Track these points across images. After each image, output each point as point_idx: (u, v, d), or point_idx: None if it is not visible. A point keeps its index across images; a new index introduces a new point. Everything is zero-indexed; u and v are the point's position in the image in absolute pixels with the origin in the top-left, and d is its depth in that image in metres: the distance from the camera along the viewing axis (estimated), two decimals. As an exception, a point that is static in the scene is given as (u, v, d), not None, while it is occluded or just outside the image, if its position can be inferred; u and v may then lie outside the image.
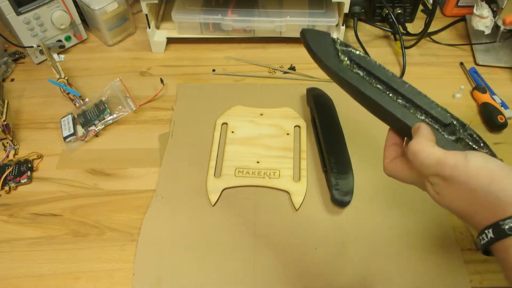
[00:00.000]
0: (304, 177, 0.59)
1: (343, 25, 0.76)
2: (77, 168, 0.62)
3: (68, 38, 0.79)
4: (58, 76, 0.70)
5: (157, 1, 0.73)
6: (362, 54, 0.42)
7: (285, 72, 0.75)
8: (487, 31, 0.73)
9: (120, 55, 0.80)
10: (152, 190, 0.59)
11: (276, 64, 0.76)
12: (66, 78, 0.70)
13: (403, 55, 0.73)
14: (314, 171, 0.60)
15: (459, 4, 0.83)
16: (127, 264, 0.52)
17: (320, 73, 0.74)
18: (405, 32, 0.78)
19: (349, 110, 0.66)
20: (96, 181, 0.60)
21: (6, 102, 0.67)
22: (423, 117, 0.39)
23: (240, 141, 0.63)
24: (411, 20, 0.83)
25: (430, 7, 0.79)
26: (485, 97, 0.67)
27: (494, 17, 0.73)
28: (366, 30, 0.83)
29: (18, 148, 0.64)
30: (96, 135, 0.66)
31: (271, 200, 0.57)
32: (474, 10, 0.73)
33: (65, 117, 0.67)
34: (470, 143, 0.37)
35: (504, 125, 0.63)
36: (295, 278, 0.50)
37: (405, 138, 0.41)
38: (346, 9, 0.72)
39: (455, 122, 0.38)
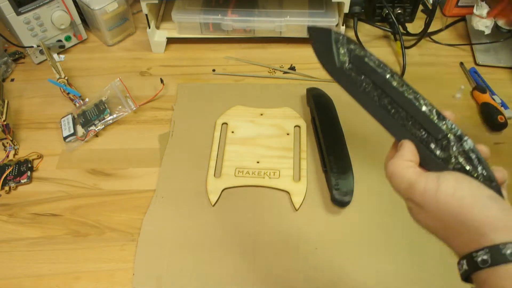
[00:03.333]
0: (304, 177, 0.59)
1: (343, 25, 0.76)
2: (77, 168, 0.62)
3: (68, 38, 0.79)
4: (58, 76, 0.70)
5: (157, 1, 0.73)
6: (362, 53, 0.38)
7: (285, 72, 0.75)
8: (487, 31, 0.73)
9: (120, 55, 0.80)
10: (152, 190, 0.59)
11: (276, 64, 0.76)
12: (66, 78, 0.70)
13: (403, 55, 0.73)
14: (314, 171, 0.60)
15: (459, 4, 0.83)
16: (127, 264, 0.52)
17: (320, 73, 0.74)
18: (405, 32, 0.78)
19: (349, 110, 0.66)
20: (96, 181, 0.60)
21: (6, 102, 0.67)
22: (415, 129, 0.35)
23: (240, 141, 0.63)
24: (411, 20, 0.83)
25: (430, 7, 0.79)
26: (485, 97, 0.67)
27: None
28: (366, 30, 0.83)
29: (18, 148, 0.64)
30: (96, 135, 0.66)
31: (271, 200, 0.57)
32: (474, 10, 0.73)
33: (65, 117, 0.67)
34: (461, 162, 0.33)
35: (504, 125, 0.63)
36: (295, 278, 0.50)
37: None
38: (346, 9, 0.72)
39: (450, 136, 0.34)
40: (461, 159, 0.33)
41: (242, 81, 0.74)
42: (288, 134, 0.64)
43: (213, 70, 0.76)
